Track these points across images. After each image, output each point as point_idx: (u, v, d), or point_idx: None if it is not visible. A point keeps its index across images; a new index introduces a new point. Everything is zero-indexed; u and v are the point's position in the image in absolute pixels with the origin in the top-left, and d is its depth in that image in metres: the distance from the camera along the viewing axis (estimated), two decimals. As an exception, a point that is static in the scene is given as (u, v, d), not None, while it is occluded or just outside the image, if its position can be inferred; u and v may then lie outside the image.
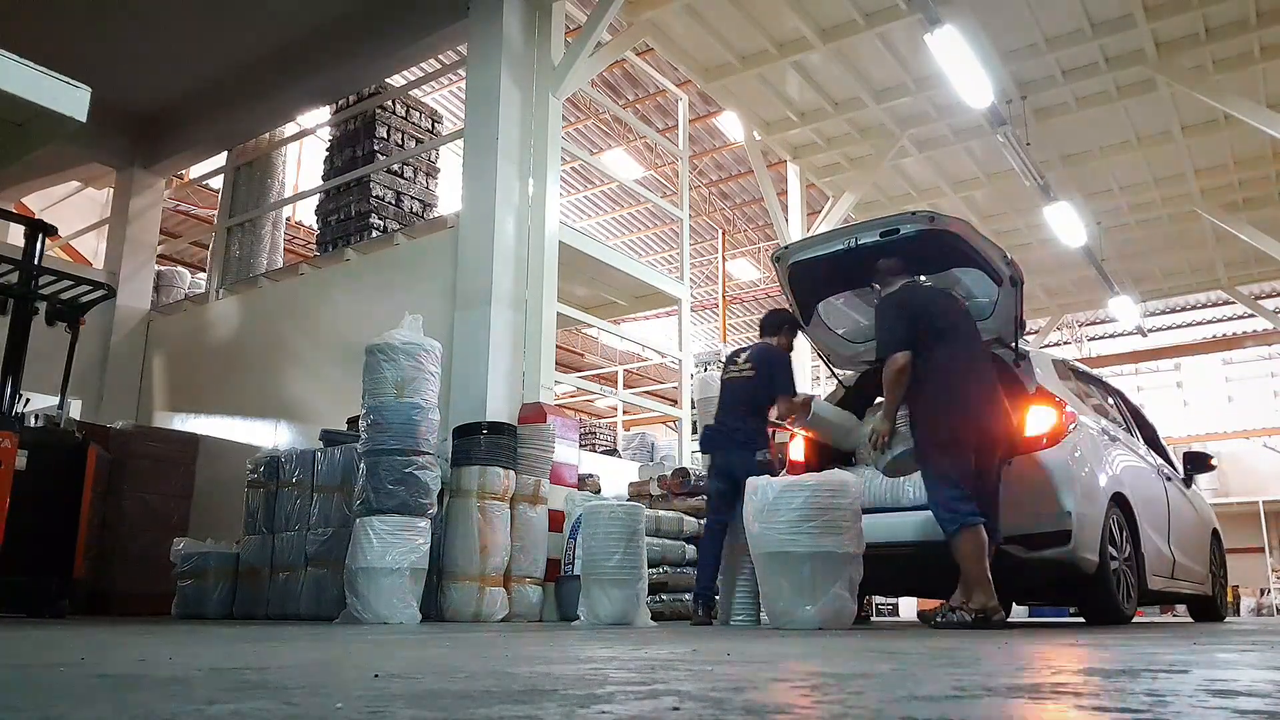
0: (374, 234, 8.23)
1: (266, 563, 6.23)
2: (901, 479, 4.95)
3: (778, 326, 5.50)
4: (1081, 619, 6.10)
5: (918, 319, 4.51)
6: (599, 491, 7.26)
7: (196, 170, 11.57)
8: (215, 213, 11.06)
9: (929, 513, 4.90)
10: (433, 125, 9.10)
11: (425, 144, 8.90)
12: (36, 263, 5.34)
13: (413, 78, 10.78)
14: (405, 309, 5.80)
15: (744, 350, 5.49)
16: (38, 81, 3.65)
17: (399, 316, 5.67)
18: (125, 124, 10.13)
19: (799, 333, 5.68)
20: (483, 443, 5.84)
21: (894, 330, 4.52)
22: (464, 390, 6.56)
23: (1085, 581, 4.76)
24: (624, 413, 15.52)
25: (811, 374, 12.94)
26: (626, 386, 15.27)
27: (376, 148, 8.49)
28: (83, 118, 3.76)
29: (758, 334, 5.69)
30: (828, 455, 5.57)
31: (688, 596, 6.84)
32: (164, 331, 9.91)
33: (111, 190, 10.79)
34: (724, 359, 5.79)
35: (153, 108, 10.09)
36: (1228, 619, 7.40)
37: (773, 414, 5.28)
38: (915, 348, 4.41)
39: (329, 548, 5.82)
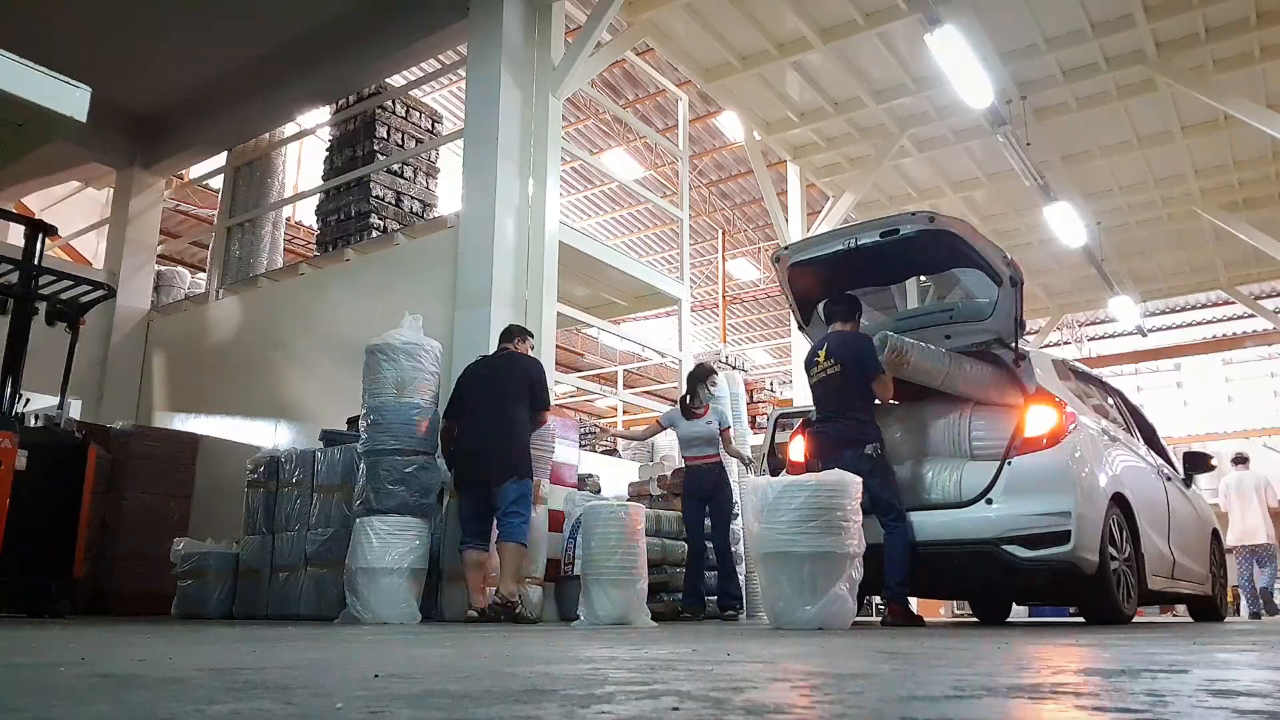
0: (374, 234, 8.22)
1: (266, 563, 6.23)
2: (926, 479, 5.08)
3: (849, 314, 5.37)
4: (1081, 619, 6.10)
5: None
6: (599, 491, 7.26)
7: (196, 170, 11.56)
8: (215, 213, 11.06)
9: (933, 514, 4.94)
10: (433, 125, 9.10)
11: (425, 144, 8.89)
12: (36, 263, 5.34)
13: (413, 78, 10.78)
14: (405, 309, 5.80)
15: (819, 347, 5.31)
16: (38, 81, 3.65)
17: (399, 316, 5.67)
18: (125, 124, 10.13)
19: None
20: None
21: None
22: (464, 390, 6.55)
23: (1085, 581, 4.76)
24: (624, 413, 15.51)
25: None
26: (626, 386, 15.27)
27: (376, 148, 8.49)
28: (83, 118, 3.77)
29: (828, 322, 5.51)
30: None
31: (687, 597, 6.84)
32: (164, 331, 9.91)
33: (111, 190, 10.78)
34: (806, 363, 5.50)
35: (153, 108, 10.09)
36: (1227, 619, 7.40)
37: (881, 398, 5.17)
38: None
39: (329, 548, 5.82)
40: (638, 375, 18.51)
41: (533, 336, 5.95)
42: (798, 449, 5.60)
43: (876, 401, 5.24)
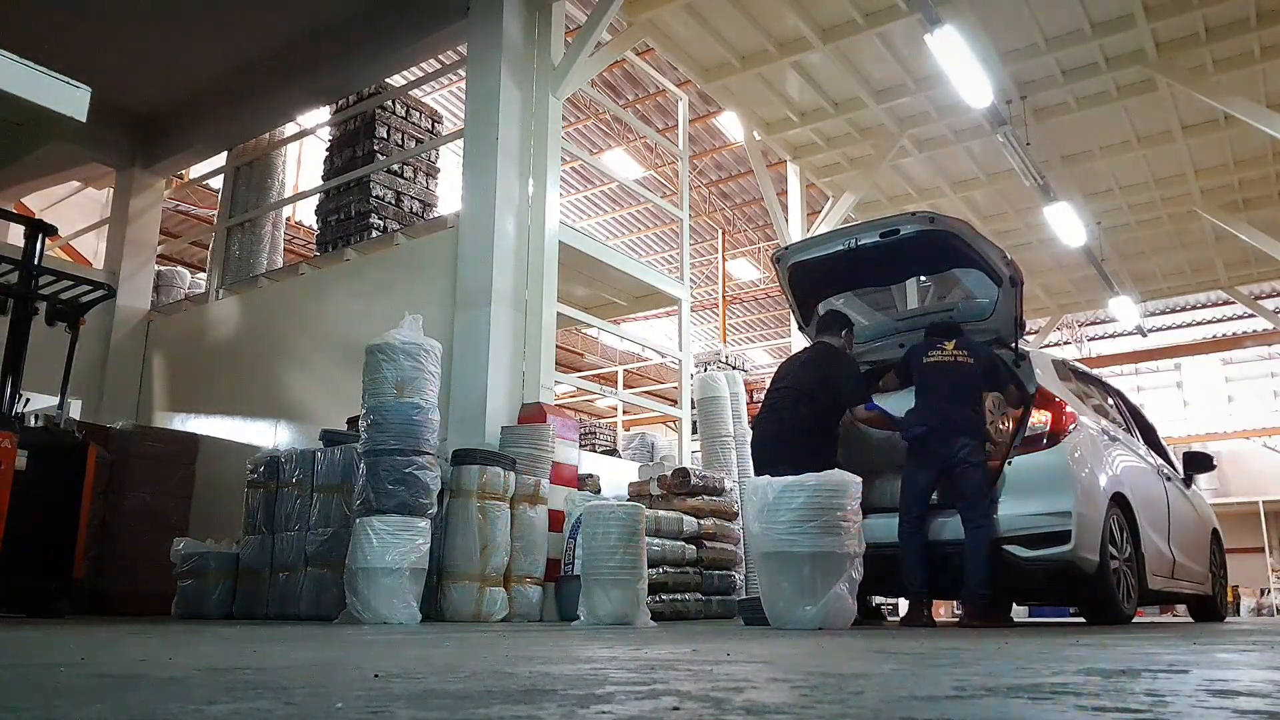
0: (374, 234, 8.22)
1: (266, 563, 6.22)
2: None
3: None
4: (1081, 619, 6.10)
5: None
6: (599, 491, 7.26)
7: (196, 170, 11.57)
8: (215, 213, 11.06)
9: (934, 515, 4.94)
10: (433, 125, 9.09)
11: (425, 144, 8.89)
12: (36, 263, 5.33)
13: (413, 78, 10.78)
14: (405, 309, 5.80)
15: (939, 335, 5.08)
16: (38, 81, 3.65)
17: (399, 316, 5.66)
18: (125, 124, 10.13)
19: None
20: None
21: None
22: (464, 390, 6.56)
23: (1085, 581, 4.76)
24: (624, 413, 15.51)
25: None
26: (626, 386, 15.27)
27: (376, 148, 8.49)
28: (83, 118, 3.77)
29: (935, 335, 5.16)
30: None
31: (688, 596, 6.83)
32: (164, 331, 9.91)
33: (111, 190, 10.78)
34: (922, 342, 5.18)
35: (153, 108, 10.09)
36: (1228, 619, 7.40)
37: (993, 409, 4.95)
38: None
39: (329, 548, 5.81)
40: (638, 375, 18.51)
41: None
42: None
43: None
